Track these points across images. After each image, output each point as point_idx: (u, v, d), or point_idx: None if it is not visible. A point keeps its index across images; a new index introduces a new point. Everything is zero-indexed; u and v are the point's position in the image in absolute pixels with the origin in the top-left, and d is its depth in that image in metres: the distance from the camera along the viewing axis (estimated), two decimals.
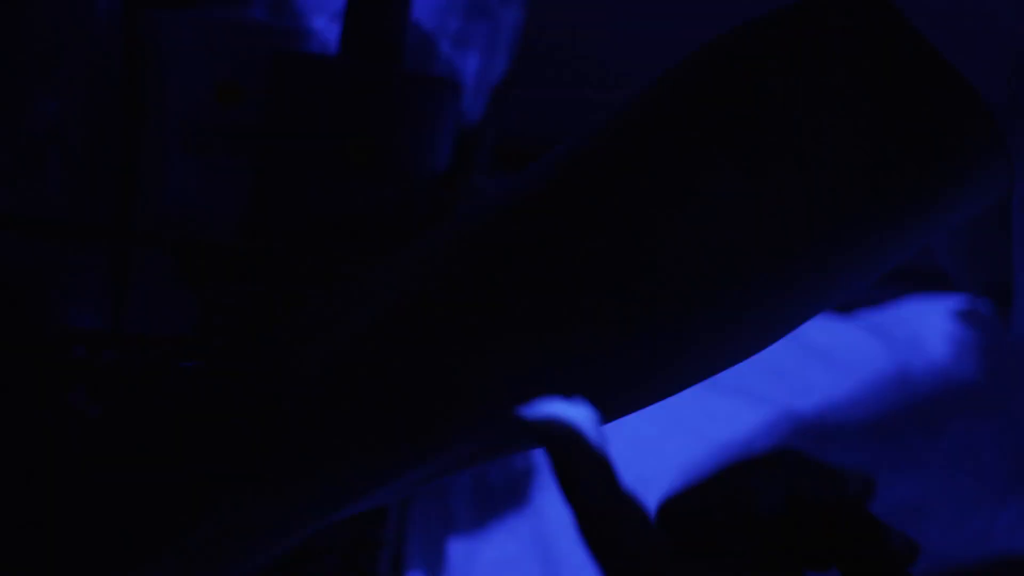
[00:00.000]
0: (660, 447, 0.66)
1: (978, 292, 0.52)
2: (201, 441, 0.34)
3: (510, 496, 0.65)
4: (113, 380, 0.51)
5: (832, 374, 0.71)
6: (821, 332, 0.76)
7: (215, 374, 0.36)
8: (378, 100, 0.52)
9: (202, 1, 0.53)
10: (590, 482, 0.29)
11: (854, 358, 0.73)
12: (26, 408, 0.47)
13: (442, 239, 0.37)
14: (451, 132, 0.55)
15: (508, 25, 0.61)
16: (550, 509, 0.64)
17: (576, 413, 0.29)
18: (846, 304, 0.78)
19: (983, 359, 0.72)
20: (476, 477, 0.66)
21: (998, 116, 0.37)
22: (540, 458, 0.67)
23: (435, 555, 0.64)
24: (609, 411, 0.38)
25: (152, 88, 0.53)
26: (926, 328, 0.75)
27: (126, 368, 0.51)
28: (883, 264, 0.39)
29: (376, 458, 0.35)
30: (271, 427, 0.34)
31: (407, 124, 0.52)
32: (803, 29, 0.37)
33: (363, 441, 0.35)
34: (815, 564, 0.31)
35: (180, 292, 0.53)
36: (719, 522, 0.30)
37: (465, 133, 0.59)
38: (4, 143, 0.51)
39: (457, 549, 0.63)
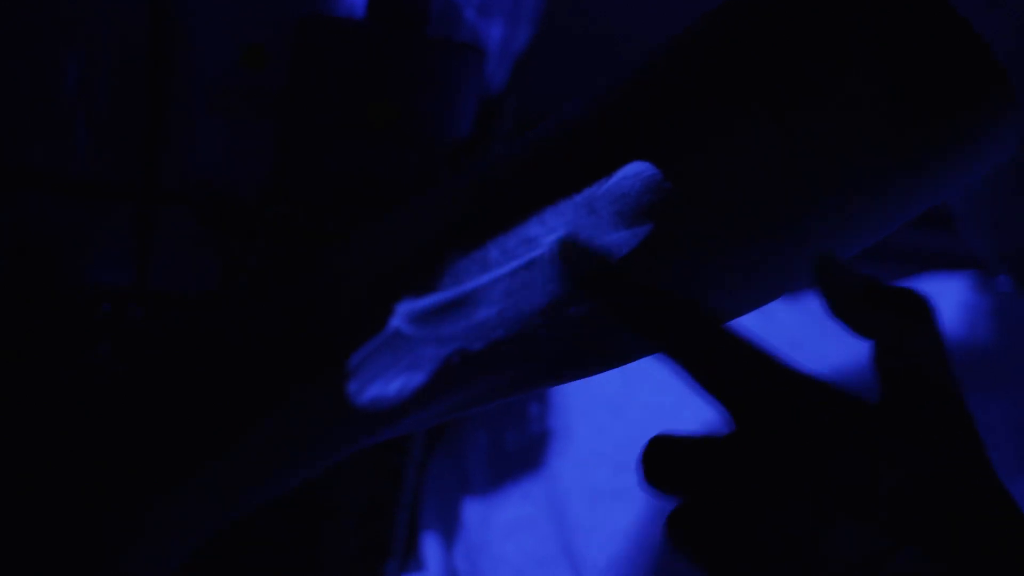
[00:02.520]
0: (676, 414, 0.66)
1: (1004, 266, 0.53)
2: (232, 368, 0.36)
3: (525, 460, 0.66)
4: (138, 335, 0.52)
5: (845, 347, 0.72)
6: None
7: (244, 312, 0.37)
8: (403, 65, 0.52)
9: None
10: None
11: None
12: (54, 362, 0.48)
13: (478, 176, 0.39)
14: (474, 99, 0.55)
15: None
16: (565, 473, 0.65)
17: None
18: None
19: (996, 336, 0.73)
20: (492, 441, 0.67)
21: (1012, 73, 0.38)
22: (555, 423, 0.67)
23: (451, 516, 0.64)
24: (625, 353, 0.40)
25: (179, 51, 0.53)
26: (940, 305, 0.75)
27: (151, 324, 0.52)
28: (903, 212, 0.41)
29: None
30: (312, 351, 0.36)
31: (431, 90, 0.53)
32: None
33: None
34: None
35: (204, 251, 0.54)
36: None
37: (487, 101, 0.60)
38: (35, 105, 0.52)
39: (472, 511, 0.64)
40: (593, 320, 0.37)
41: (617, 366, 0.41)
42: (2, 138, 0.52)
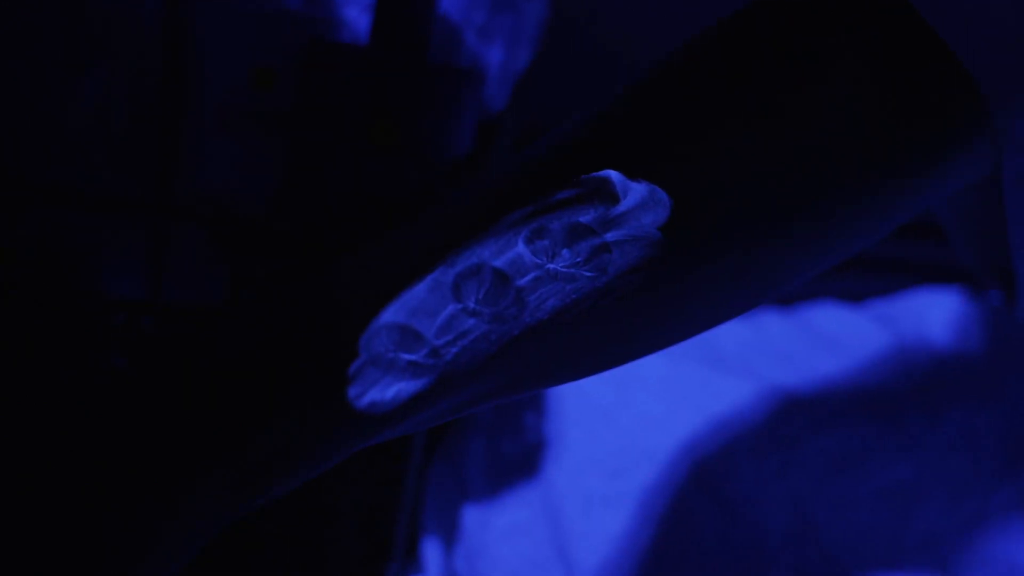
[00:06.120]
0: (666, 423, 0.67)
1: (993, 280, 0.54)
2: (244, 374, 0.38)
3: (522, 467, 0.67)
4: (151, 345, 0.53)
5: (836, 359, 0.73)
6: (828, 320, 0.77)
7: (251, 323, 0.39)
8: (404, 89, 0.54)
9: None
10: None
11: (858, 345, 0.74)
12: (68, 368, 0.49)
13: (476, 193, 0.40)
14: (473, 120, 0.56)
15: (531, 19, 0.62)
16: (559, 479, 0.66)
17: None
18: (855, 294, 0.80)
19: (986, 347, 0.74)
20: (489, 448, 0.68)
21: (989, 97, 0.39)
22: (550, 431, 0.69)
23: (450, 521, 0.65)
24: (613, 357, 0.41)
25: (191, 73, 0.55)
26: (931, 317, 0.77)
27: (163, 334, 0.54)
28: (876, 229, 0.42)
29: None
30: (316, 358, 0.38)
31: (431, 112, 0.54)
32: (818, 9, 0.40)
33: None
34: None
35: (214, 264, 0.55)
36: None
37: (487, 121, 0.61)
38: (54, 124, 0.54)
39: (471, 515, 0.65)
40: (593, 322, 0.39)
41: (610, 368, 0.42)
42: (22, 155, 0.53)
